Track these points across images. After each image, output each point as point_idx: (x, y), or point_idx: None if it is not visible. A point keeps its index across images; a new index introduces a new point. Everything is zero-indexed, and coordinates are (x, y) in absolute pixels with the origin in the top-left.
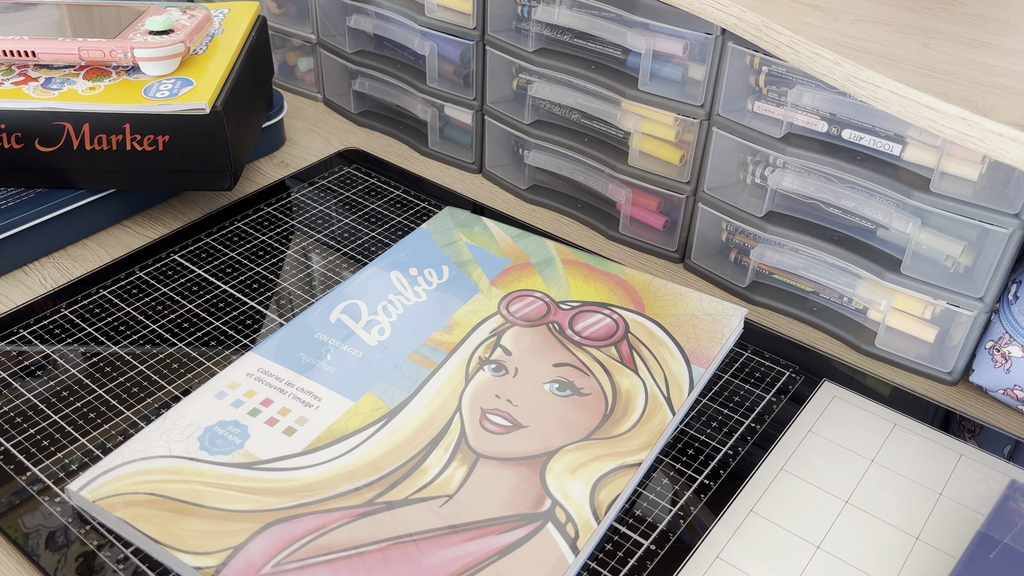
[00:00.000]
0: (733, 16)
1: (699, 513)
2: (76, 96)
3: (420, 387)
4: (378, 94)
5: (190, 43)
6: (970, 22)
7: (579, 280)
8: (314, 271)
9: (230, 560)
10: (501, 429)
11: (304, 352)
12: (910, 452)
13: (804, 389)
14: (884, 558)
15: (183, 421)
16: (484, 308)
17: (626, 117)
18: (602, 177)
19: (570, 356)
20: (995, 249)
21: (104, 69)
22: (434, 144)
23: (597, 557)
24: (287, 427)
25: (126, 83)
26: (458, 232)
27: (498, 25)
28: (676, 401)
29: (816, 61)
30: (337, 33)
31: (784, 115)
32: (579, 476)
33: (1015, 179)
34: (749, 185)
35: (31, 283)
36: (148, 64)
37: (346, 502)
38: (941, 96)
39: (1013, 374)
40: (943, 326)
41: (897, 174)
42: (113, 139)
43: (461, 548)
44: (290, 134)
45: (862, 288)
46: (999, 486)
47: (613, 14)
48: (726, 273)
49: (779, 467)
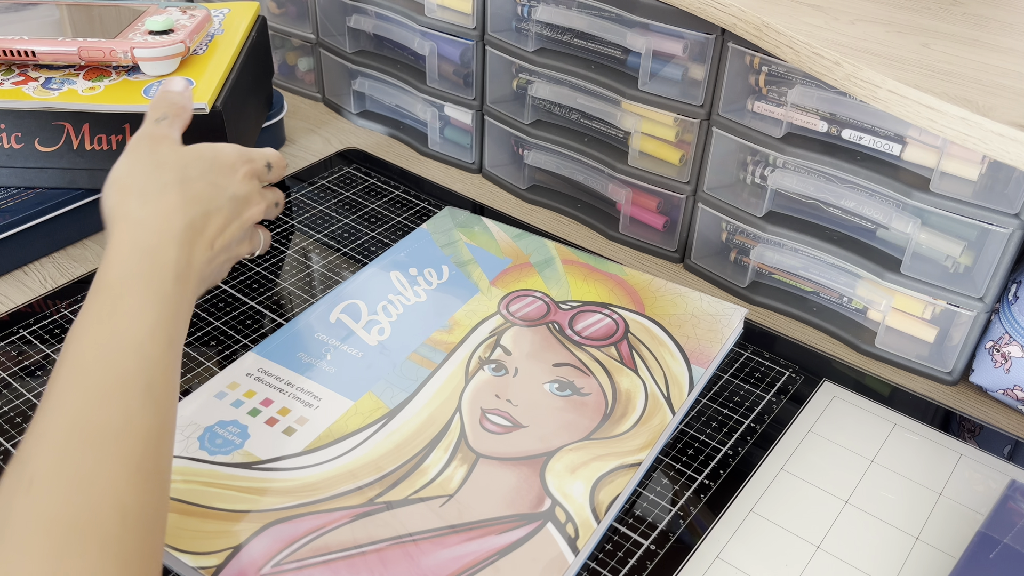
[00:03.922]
0: (733, 16)
1: (699, 513)
2: (76, 96)
3: (420, 387)
4: (378, 94)
5: (190, 43)
6: (970, 22)
7: (579, 280)
8: (314, 271)
9: (230, 560)
10: (501, 429)
11: (304, 352)
12: (910, 452)
13: (804, 389)
14: (884, 558)
15: (183, 421)
16: (484, 308)
17: (626, 117)
18: (602, 177)
19: (570, 356)
20: (995, 249)
21: (104, 69)
22: (434, 144)
23: (597, 557)
24: (287, 427)
25: (126, 83)
26: (458, 232)
27: (498, 25)
28: (676, 401)
29: (816, 61)
30: (337, 33)
31: (784, 115)
32: (579, 476)
33: (1015, 179)
34: (749, 185)
35: (31, 283)
36: (148, 64)
37: (346, 502)
38: (941, 96)
39: (1013, 374)
40: (943, 326)
41: (897, 174)
42: (113, 139)
43: (461, 548)
44: (290, 134)
45: (862, 288)
46: (999, 486)
47: (613, 14)
48: (726, 273)
49: (779, 467)
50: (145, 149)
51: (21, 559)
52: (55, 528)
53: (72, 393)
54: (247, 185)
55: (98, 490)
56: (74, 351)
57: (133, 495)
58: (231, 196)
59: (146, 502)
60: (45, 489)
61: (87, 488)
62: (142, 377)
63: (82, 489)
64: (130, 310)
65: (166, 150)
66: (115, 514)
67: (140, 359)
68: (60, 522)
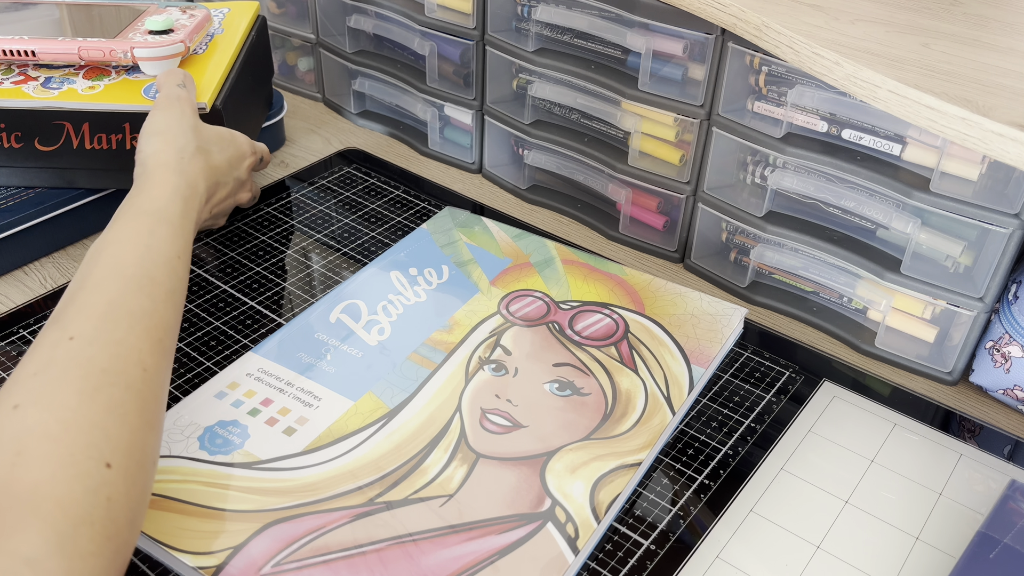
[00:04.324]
0: (733, 16)
1: (699, 513)
2: (76, 95)
3: (420, 387)
4: (378, 94)
5: (190, 43)
6: (970, 22)
7: (579, 280)
8: (314, 271)
9: (230, 560)
10: (501, 429)
11: (304, 352)
12: (910, 452)
13: (804, 389)
14: (884, 558)
15: (183, 421)
16: (484, 308)
17: (626, 117)
18: (602, 177)
19: (570, 356)
20: (995, 249)
21: (104, 69)
22: (434, 144)
23: (597, 557)
24: (287, 427)
25: (126, 82)
26: (458, 232)
27: (498, 25)
28: (676, 401)
29: (816, 61)
30: (337, 33)
31: (784, 115)
32: (579, 476)
33: (1015, 179)
34: (749, 185)
35: (31, 283)
36: (148, 64)
37: (346, 502)
38: (941, 96)
39: (1013, 374)
40: (943, 326)
41: (897, 174)
42: (113, 138)
43: (461, 548)
44: (290, 134)
45: (862, 288)
46: (999, 486)
47: (613, 14)
48: (726, 273)
49: (779, 467)
50: (178, 109)
51: (61, 391)
52: (91, 370)
53: (112, 282)
54: (247, 172)
55: (127, 349)
56: (113, 253)
57: (152, 360)
58: (235, 177)
59: (161, 367)
60: (86, 343)
61: (118, 348)
62: (167, 283)
63: (115, 347)
64: (166, 235)
65: (192, 114)
66: (138, 369)
67: (168, 271)
68: (95, 367)
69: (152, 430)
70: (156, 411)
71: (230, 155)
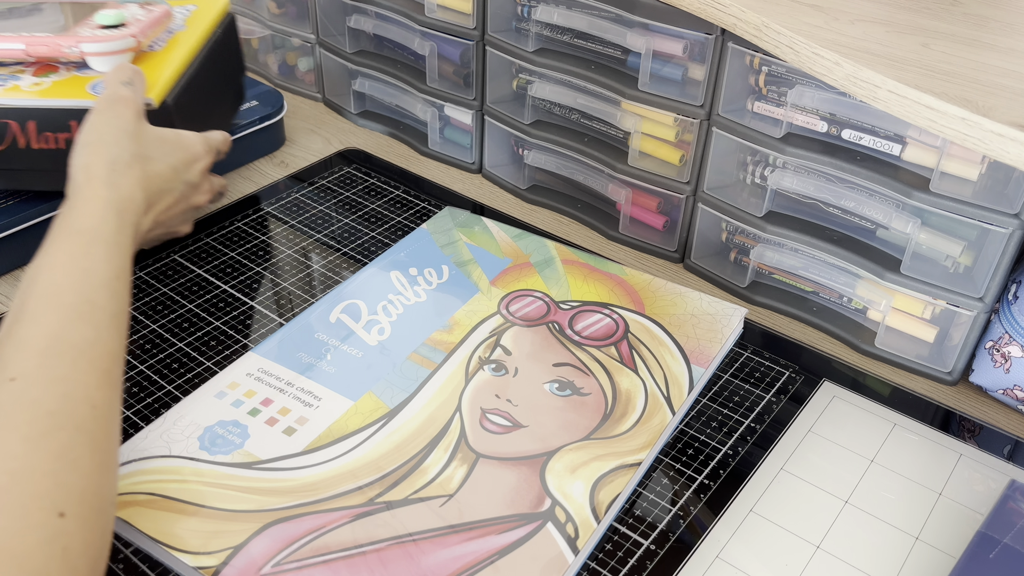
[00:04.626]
0: (733, 16)
1: (699, 513)
2: (19, 92)
3: (420, 387)
4: (378, 94)
5: (143, 38)
6: (970, 22)
7: (579, 280)
8: (314, 271)
9: (230, 560)
10: (501, 429)
11: (304, 352)
12: (910, 452)
13: (804, 389)
14: (884, 558)
15: (183, 421)
16: (484, 308)
17: (626, 117)
18: (602, 177)
19: (570, 356)
20: (995, 249)
21: (54, 65)
22: (434, 144)
23: (597, 557)
24: (287, 427)
25: (74, 79)
26: (458, 232)
27: (498, 25)
28: (676, 401)
29: (816, 61)
30: (337, 33)
31: (784, 115)
32: (579, 476)
33: (1015, 179)
34: (749, 185)
35: None
36: (96, 59)
37: (346, 502)
38: (941, 96)
39: (1013, 374)
40: (943, 326)
41: (897, 174)
42: (60, 137)
43: (461, 548)
44: (290, 134)
45: (862, 288)
46: (999, 486)
47: (613, 14)
48: (726, 273)
49: (779, 467)
50: (112, 113)
51: (6, 439)
52: (37, 413)
53: (50, 314)
54: (199, 175)
55: (73, 387)
56: (47, 280)
57: (101, 394)
58: (185, 181)
59: (111, 400)
60: (28, 384)
61: (64, 385)
62: (108, 306)
63: (60, 386)
64: (102, 255)
65: (132, 118)
66: (87, 407)
67: (108, 293)
68: (41, 410)
69: (107, 471)
70: (109, 450)
71: (175, 160)
